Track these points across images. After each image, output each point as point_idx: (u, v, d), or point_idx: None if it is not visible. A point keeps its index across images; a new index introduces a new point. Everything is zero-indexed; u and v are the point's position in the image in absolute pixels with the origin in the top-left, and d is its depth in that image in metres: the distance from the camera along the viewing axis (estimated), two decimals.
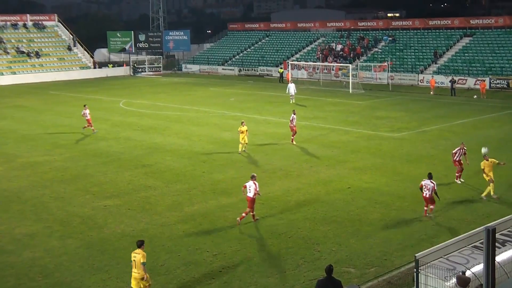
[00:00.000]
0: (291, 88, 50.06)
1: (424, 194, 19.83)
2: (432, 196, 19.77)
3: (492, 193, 21.64)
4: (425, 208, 20.04)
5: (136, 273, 13.85)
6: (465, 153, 24.19)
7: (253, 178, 19.78)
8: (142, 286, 13.88)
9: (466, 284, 10.64)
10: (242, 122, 30.28)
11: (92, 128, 36.62)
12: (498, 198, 21.58)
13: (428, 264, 11.66)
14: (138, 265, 13.77)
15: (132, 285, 13.98)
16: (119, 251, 17.46)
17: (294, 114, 32.28)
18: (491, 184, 21.65)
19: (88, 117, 36.43)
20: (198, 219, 20.14)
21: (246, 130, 29.93)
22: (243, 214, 19.59)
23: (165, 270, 16.06)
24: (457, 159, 24.03)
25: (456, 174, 24.02)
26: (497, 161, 22.24)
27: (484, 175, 21.91)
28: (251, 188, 19.53)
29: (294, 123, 31.89)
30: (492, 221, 15.68)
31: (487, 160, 21.95)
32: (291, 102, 49.05)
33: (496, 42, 62.85)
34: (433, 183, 19.75)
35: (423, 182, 20.00)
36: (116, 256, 17.08)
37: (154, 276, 15.65)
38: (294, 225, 19.38)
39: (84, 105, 37.44)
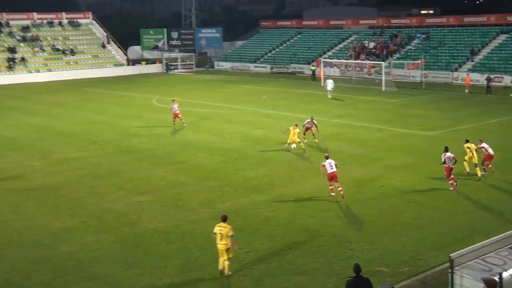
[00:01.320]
0: (329, 83, 50.90)
1: (450, 165, 22.45)
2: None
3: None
4: (451, 182, 22.53)
5: (222, 244, 15.31)
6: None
7: (328, 157, 22.20)
8: (226, 256, 15.36)
9: (494, 286, 10.46)
10: (296, 124, 30.08)
11: (182, 121, 37.22)
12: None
13: (464, 264, 11.51)
14: (225, 237, 15.24)
15: (219, 256, 15.47)
16: (152, 246, 17.63)
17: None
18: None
19: (177, 111, 36.95)
20: (230, 216, 20.02)
21: (299, 132, 29.81)
22: (340, 191, 21.67)
23: (198, 266, 16.17)
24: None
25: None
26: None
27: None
28: (332, 163, 21.80)
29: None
30: None
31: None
32: (328, 96, 49.81)
33: None
34: (453, 155, 22.67)
35: (445, 156, 22.65)
36: (148, 251, 17.25)
37: (187, 272, 15.79)
38: (326, 223, 19.31)
39: (173, 100, 38.22)
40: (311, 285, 14.95)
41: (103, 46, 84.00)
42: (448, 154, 22.61)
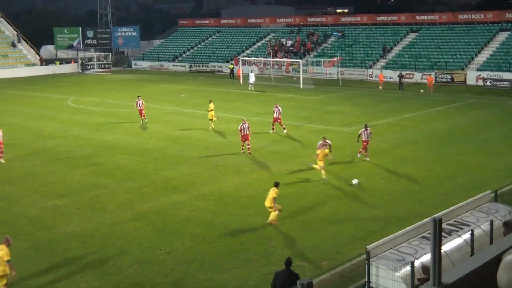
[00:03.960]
0: (251, 76, 54.35)
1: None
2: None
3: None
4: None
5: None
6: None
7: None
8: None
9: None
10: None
11: (145, 117, 37.60)
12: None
13: (379, 255, 11.86)
14: (270, 199, 18.59)
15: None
16: (69, 251, 17.12)
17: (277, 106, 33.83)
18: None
19: (142, 107, 37.33)
20: (150, 217, 19.94)
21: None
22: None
23: (117, 269, 15.84)
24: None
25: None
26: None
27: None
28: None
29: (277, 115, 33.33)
30: (438, 212, 16.05)
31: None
32: (249, 89, 53.17)
33: (441, 37, 64.37)
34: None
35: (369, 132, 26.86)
36: (65, 257, 16.74)
37: (106, 276, 15.43)
38: (247, 220, 19.41)
39: (138, 96, 38.39)
40: (232, 283, 14.99)
41: (13, 45, 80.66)
42: (370, 129, 27.07)
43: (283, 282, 12.22)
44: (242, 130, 28.42)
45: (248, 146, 28.77)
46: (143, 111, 37.60)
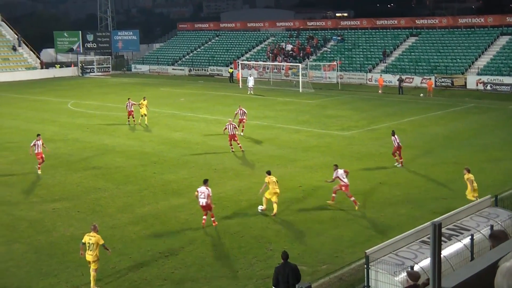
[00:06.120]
0: (250, 80, 54.35)
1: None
2: None
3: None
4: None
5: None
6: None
7: (230, 122, 28.93)
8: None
9: (417, 279, 10.88)
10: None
11: (128, 119, 38.73)
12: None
13: (378, 260, 11.87)
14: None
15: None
16: (69, 254, 17.11)
17: (241, 108, 34.23)
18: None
19: (131, 109, 38.37)
20: (149, 220, 19.94)
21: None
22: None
23: (116, 272, 15.84)
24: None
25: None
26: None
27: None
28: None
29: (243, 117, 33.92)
30: (438, 216, 16.08)
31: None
32: (248, 93, 53.11)
33: (441, 41, 64.42)
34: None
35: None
36: (65, 260, 16.74)
37: (105, 279, 15.42)
38: (246, 224, 19.41)
39: (128, 98, 39.83)
40: (231, 287, 14.97)
41: (14, 49, 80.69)
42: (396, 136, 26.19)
43: (285, 275, 12.40)
44: (228, 130, 29.65)
45: (239, 145, 29.71)
46: (132, 113, 38.32)
